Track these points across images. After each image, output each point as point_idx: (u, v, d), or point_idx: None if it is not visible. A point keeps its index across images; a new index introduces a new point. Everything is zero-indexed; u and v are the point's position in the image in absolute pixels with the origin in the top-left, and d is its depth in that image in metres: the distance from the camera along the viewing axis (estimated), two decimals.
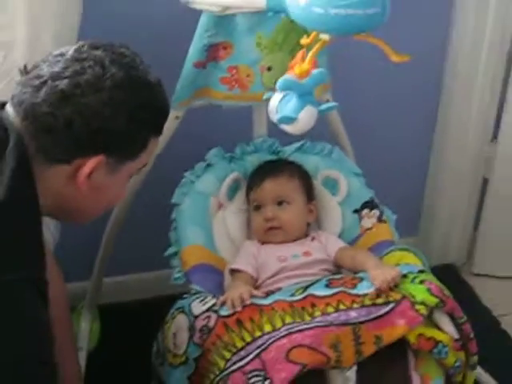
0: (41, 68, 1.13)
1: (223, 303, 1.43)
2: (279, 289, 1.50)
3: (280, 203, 1.69)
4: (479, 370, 1.96)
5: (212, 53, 1.61)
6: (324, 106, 1.34)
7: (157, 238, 1.66)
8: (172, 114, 1.67)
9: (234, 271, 1.63)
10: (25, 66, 1.16)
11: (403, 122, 2.26)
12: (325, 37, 1.27)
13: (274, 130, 1.77)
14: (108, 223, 1.84)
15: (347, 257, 1.63)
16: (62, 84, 1.09)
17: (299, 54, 1.31)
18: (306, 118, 1.30)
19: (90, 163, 1.12)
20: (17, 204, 1.07)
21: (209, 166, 1.76)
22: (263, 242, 1.69)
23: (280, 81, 1.27)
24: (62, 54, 1.14)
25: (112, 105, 1.11)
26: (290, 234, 1.69)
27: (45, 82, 1.10)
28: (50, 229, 1.65)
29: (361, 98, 2.07)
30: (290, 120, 1.29)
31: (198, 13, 1.55)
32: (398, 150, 2.31)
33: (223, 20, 1.55)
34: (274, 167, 1.76)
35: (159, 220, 1.71)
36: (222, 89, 1.66)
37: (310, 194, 1.75)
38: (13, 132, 1.11)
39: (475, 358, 1.43)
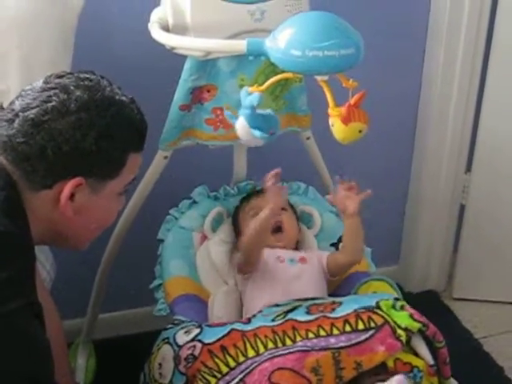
0: (13, 103, 1.14)
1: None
2: (260, 311, 1.48)
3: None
4: None
5: (196, 95, 1.60)
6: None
7: (148, 275, 1.65)
8: (160, 155, 1.68)
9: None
10: (1, 105, 1.17)
11: (382, 158, 2.26)
12: (288, 74, 1.34)
13: (253, 170, 1.79)
14: (101, 262, 1.81)
15: (337, 254, 1.65)
16: (32, 113, 1.10)
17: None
18: (238, 126, 1.43)
19: (69, 186, 1.11)
20: (10, 235, 1.06)
21: (194, 203, 1.75)
22: None
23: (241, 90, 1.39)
24: (31, 88, 1.15)
25: (80, 127, 1.10)
26: (290, 240, 1.68)
27: (17, 115, 1.11)
28: (46, 268, 1.61)
29: None
30: (230, 118, 1.47)
31: (182, 58, 1.55)
32: (379, 183, 2.30)
33: (206, 64, 1.55)
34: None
35: (150, 258, 1.68)
36: (208, 129, 1.65)
37: (296, 214, 1.75)
38: None
39: (448, 382, 1.40)
